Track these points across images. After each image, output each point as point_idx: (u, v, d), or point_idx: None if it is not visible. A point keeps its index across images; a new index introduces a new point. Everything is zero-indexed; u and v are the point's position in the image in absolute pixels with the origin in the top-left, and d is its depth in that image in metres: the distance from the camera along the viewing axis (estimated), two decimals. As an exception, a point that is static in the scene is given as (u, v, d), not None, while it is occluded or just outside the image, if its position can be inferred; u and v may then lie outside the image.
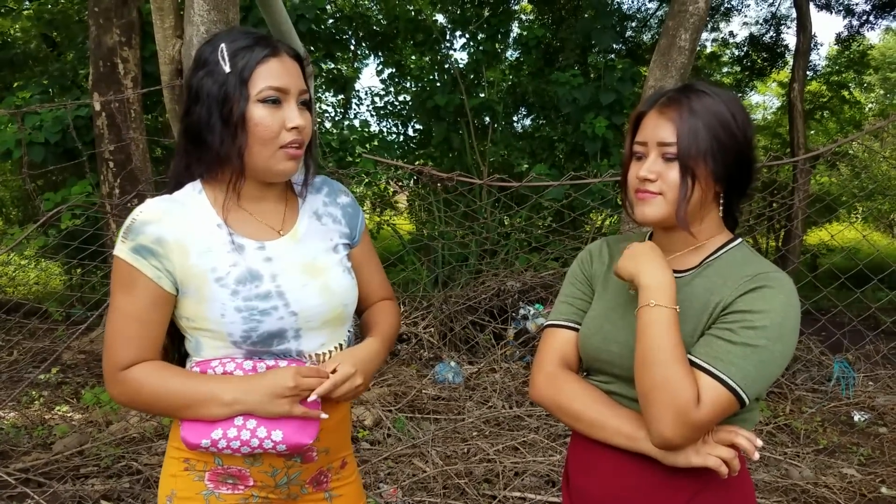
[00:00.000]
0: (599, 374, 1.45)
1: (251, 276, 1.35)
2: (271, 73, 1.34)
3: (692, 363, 1.26)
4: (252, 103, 1.32)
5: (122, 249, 1.32)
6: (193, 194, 1.39)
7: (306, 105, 1.40)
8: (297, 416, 1.32)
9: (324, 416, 1.35)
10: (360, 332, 1.59)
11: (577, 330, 1.50)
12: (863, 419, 4.56)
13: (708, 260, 1.40)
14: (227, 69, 1.32)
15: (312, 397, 1.34)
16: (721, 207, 1.40)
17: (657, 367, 1.23)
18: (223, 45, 1.35)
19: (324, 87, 12.00)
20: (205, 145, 1.35)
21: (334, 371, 1.38)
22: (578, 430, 1.42)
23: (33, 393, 4.81)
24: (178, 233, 1.33)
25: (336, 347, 1.46)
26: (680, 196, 1.32)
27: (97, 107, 6.56)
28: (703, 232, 1.40)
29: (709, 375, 1.24)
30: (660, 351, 1.24)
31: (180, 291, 1.35)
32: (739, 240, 1.43)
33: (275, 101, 1.34)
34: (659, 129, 1.34)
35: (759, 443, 1.29)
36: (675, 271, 1.40)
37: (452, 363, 5.18)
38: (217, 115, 1.32)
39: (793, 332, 1.28)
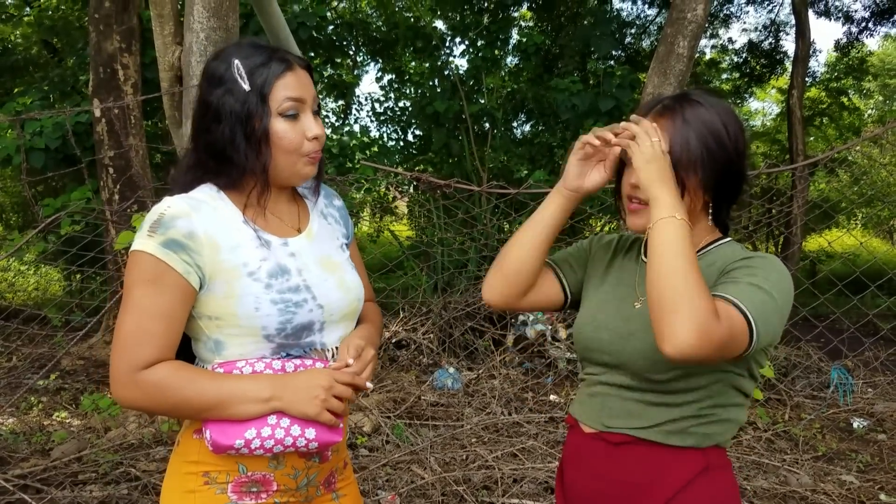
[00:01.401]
0: (592, 366, 1.49)
1: (281, 270, 1.38)
2: (289, 87, 1.36)
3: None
4: (273, 118, 1.35)
5: (148, 244, 1.29)
6: (213, 194, 1.40)
7: (317, 112, 1.44)
8: (324, 421, 1.33)
9: (342, 424, 1.38)
10: None
11: (551, 266, 1.58)
12: (862, 426, 4.56)
13: (698, 253, 1.42)
14: (247, 87, 1.34)
15: (350, 362, 1.38)
16: (710, 216, 1.43)
17: (681, 275, 1.19)
18: (237, 61, 1.36)
19: (324, 92, 12.04)
20: (230, 162, 1.37)
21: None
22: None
23: (32, 399, 4.81)
24: (207, 228, 1.33)
25: None
26: (688, 197, 1.35)
27: (97, 113, 6.58)
28: (693, 237, 1.42)
29: (721, 300, 1.23)
30: (684, 260, 1.21)
31: (205, 288, 1.34)
32: (728, 238, 1.46)
33: (294, 116, 1.37)
34: None
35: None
36: None
37: (451, 369, 5.18)
38: (241, 133, 1.35)
39: (788, 291, 1.30)
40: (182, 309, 1.33)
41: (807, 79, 12.03)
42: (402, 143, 11.65)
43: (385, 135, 11.99)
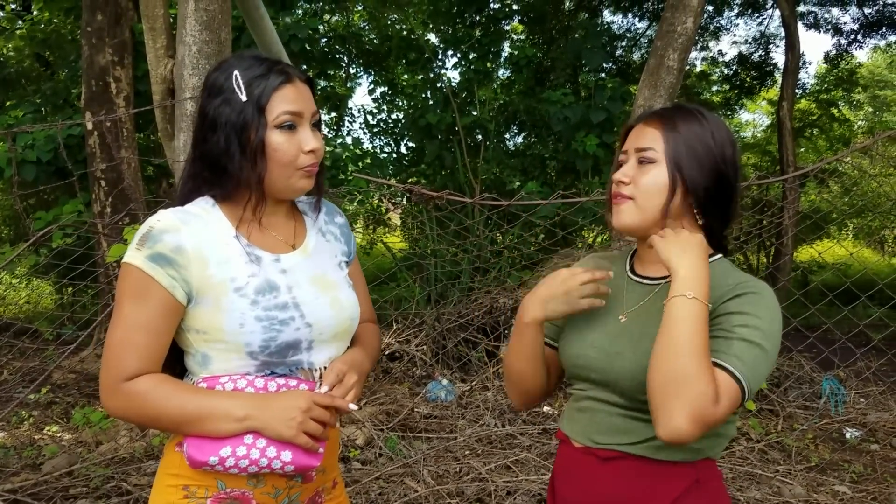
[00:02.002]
0: (579, 382, 1.48)
1: (269, 287, 1.37)
2: (286, 100, 1.36)
3: None
4: (270, 130, 1.35)
5: (136, 257, 1.31)
6: (207, 208, 1.40)
7: (318, 126, 1.44)
8: (300, 444, 1.32)
9: (321, 449, 1.36)
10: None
11: (549, 345, 1.55)
12: (854, 436, 4.56)
13: None
14: (244, 97, 1.34)
15: (324, 390, 1.37)
16: (700, 223, 1.42)
17: (685, 358, 1.19)
18: (237, 72, 1.36)
19: (318, 102, 12.04)
20: (224, 172, 1.37)
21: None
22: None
23: (23, 413, 4.78)
24: (196, 242, 1.33)
25: None
26: (668, 195, 1.37)
27: (89, 126, 6.57)
28: None
29: (719, 368, 1.23)
30: (690, 344, 1.20)
31: (193, 302, 1.34)
32: (719, 255, 1.46)
33: (291, 127, 1.37)
34: (639, 137, 1.41)
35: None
36: (651, 277, 1.46)
37: (445, 381, 5.18)
38: (236, 143, 1.35)
39: (778, 334, 1.30)
40: (166, 323, 1.33)
41: (797, 90, 12.12)
42: (394, 155, 11.68)
43: (378, 147, 12.03)
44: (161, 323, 1.32)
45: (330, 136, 12.85)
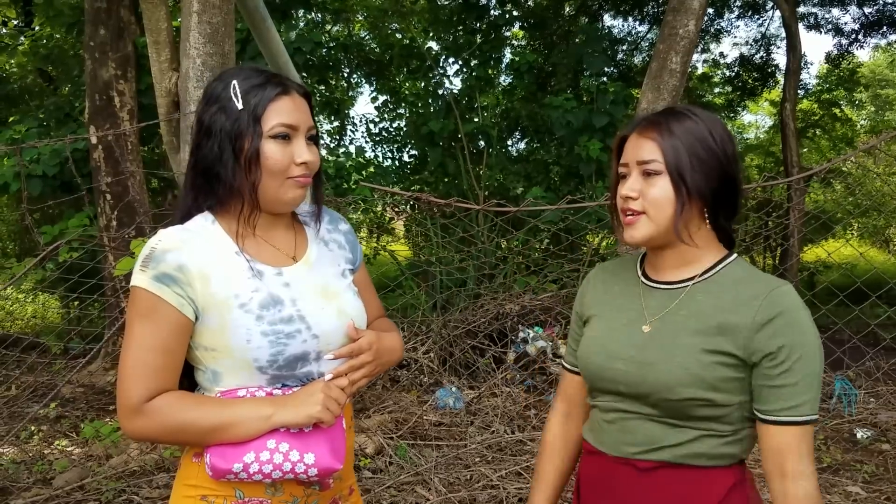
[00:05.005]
0: (604, 395, 1.46)
1: (273, 301, 1.37)
2: (282, 111, 1.38)
3: (781, 423, 1.34)
4: (264, 139, 1.36)
5: (142, 279, 1.32)
6: (206, 224, 1.41)
7: (314, 140, 1.45)
8: (325, 421, 1.34)
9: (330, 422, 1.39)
10: None
11: (575, 373, 1.61)
12: (866, 436, 4.54)
13: (707, 275, 1.41)
14: (240, 106, 1.36)
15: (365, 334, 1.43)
16: (708, 223, 1.41)
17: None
18: (235, 82, 1.38)
19: (317, 108, 12.05)
20: (217, 179, 1.38)
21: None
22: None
23: (32, 428, 4.78)
24: (198, 260, 1.34)
25: None
26: (676, 208, 1.35)
27: (93, 140, 6.59)
28: (693, 248, 1.42)
29: (800, 425, 1.32)
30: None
31: (199, 320, 1.35)
32: (735, 255, 1.45)
33: (285, 137, 1.38)
34: (639, 149, 1.39)
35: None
36: (669, 282, 1.44)
37: (453, 388, 5.17)
38: (230, 151, 1.36)
39: (818, 336, 1.34)
40: (179, 341, 1.34)
41: (799, 91, 12.11)
42: (397, 163, 11.69)
43: (381, 155, 12.04)
44: (174, 342, 1.33)
45: (332, 145, 12.87)
